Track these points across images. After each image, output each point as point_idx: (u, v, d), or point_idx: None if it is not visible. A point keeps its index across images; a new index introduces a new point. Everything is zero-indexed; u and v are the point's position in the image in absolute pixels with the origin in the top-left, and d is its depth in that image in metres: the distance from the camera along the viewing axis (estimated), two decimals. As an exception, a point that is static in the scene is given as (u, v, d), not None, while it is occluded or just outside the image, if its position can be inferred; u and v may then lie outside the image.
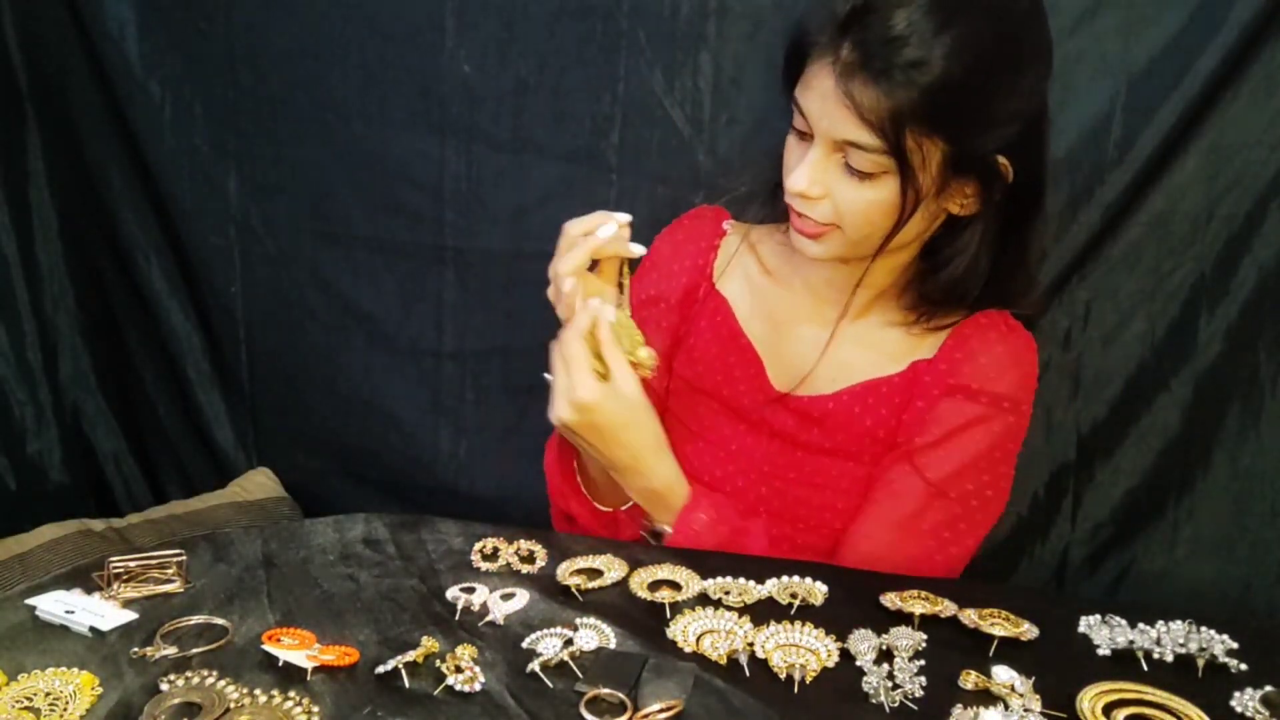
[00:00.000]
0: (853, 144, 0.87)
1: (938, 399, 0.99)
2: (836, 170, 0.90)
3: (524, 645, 0.76)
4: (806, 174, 0.90)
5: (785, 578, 0.88)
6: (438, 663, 0.73)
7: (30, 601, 0.79)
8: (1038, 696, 0.70)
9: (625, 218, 0.94)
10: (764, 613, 0.82)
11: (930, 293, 1.00)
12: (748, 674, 0.74)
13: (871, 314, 1.04)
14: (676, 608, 0.82)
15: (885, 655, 0.76)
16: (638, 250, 0.95)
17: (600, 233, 0.93)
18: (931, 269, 1.00)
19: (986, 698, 0.71)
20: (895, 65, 0.83)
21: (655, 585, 0.87)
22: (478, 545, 0.93)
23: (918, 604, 0.82)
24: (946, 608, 0.83)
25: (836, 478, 1.03)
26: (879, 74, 0.84)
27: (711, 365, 1.08)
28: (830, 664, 0.75)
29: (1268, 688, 0.72)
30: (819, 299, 1.05)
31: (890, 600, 0.83)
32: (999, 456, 0.99)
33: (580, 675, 0.72)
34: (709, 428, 1.08)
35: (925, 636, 0.78)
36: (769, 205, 1.08)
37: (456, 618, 0.81)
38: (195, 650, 0.74)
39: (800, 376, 1.04)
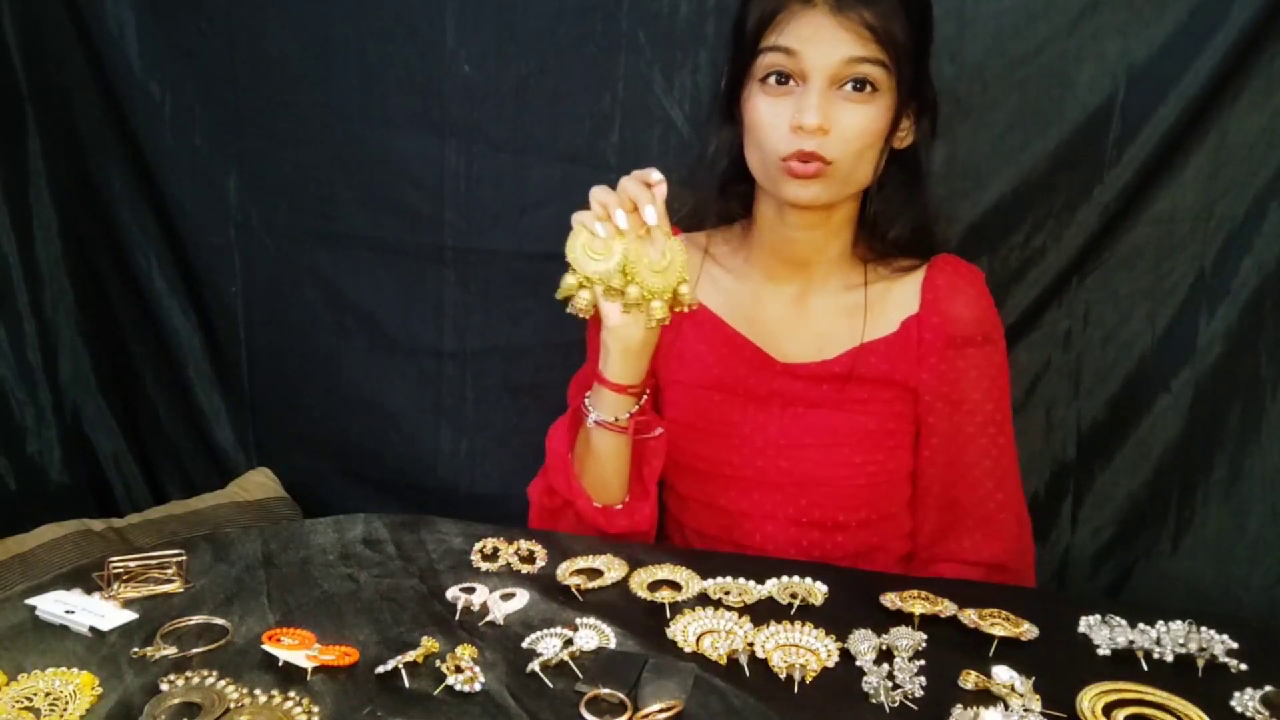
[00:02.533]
0: (858, 59, 0.97)
1: (944, 350, 1.06)
2: (837, 102, 0.98)
3: (524, 645, 0.76)
4: (816, 109, 0.97)
5: (785, 578, 0.88)
6: (438, 663, 0.73)
7: (30, 601, 0.79)
8: (1038, 696, 0.70)
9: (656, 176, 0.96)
10: (764, 613, 0.82)
11: (881, 224, 1.09)
12: (748, 674, 0.74)
13: (834, 280, 1.10)
14: (676, 608, 0.82)
15: (885, 655, 0.76)
16: (656, 175, 0.96)
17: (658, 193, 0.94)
18: (877, 217, 1.09)
19: (986, 698, 0.71)
20: None
21: (655, 585, 0.87)
22: (478, 545, 0.93)
23: (918, 604, 0.82)
24: (946, 608, 0.83)
25: (848, 435, 1.08)
26: None
27: (705, 361, 1.12)
28: (830, 664, 0.75)
29: (1268, 688, 0.72)
30: (778, 278, 1.12)
31: (890, 600, 0.83)
32: (1004, 374, 1.10)
33: (580, 675, 0.72)
34: (717, 420, 1.11)
35: (925, 636, 0.78)
36: (719, 205, 1.15)
37: (456, 618, 0.81)
38: (195, 650, 0.74)
39: (795, 346, 1.10)
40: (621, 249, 0.91)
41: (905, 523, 1.12)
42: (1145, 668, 0.75)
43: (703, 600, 0.84)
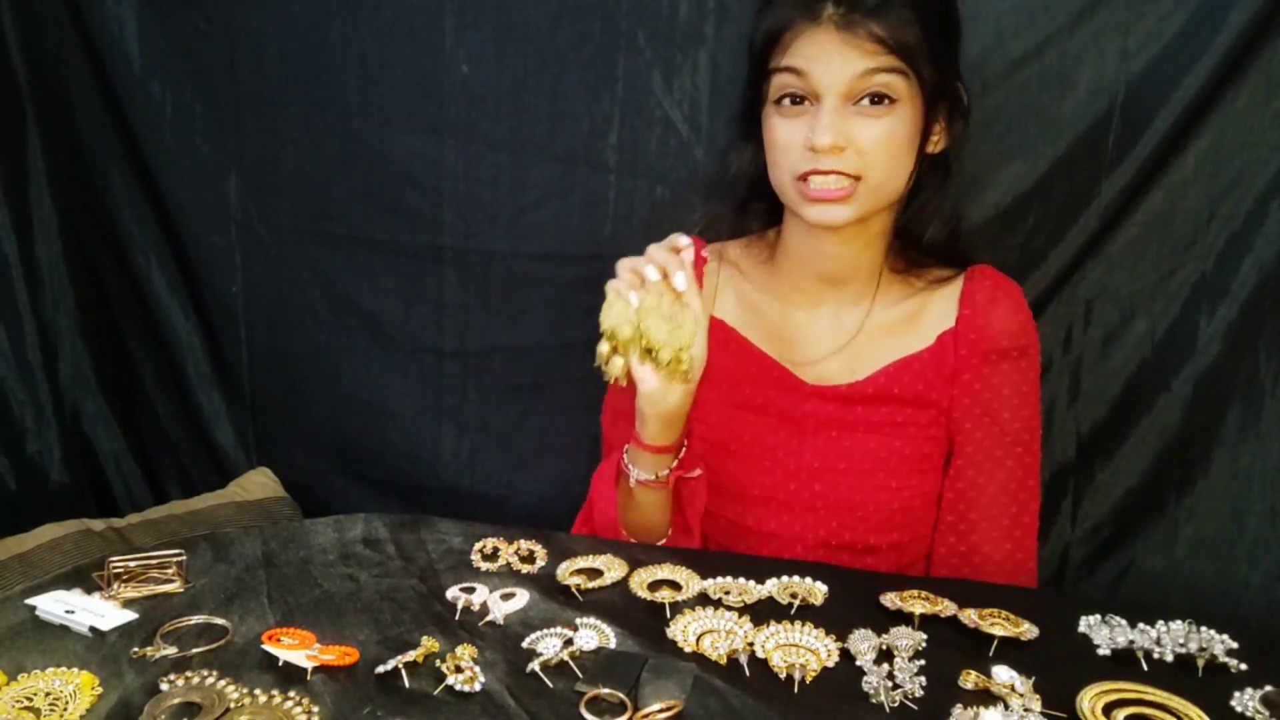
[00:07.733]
0: (871, 71, 0.94)
1: (979, 366, 1.05)
2: (853, 118, 0.95)
3: (524, 645, 0.76)
4: (829, 127, 0.94)
5: (785, 578, 0.88)
6: (438, 663, 0.73)
7: (30, 601, 0.79)
8: (1038, 696, 0.70)
9: (684, 240, 0.96)
10: (764, 613, 0.82)
11: (914, 230, 1.07)
12: (748, 674, 0.74)
13: (867, 297, 1.08)
14: (676, 608, 0.83)
15: (885, 655, 0.76)
16: (684, 241, 0.96)
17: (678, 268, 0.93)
18: (909, 224, 1.07)
19: (986, 698, 0.71)
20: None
21: (655, 585, 0.87)
22: (478, 545, 0.93)
23: (918, 604, 0.82)
24: (946, 608, 0.83)
25: (885, 459, 1.06)
26: (874, 9, 0.94)
27: (735, 380, 1.10)
28: (830, 664, 0.75)
29: (1268, 688, 0.72)
30: (812, 295, 1.09)
31: (890, 600, 0.84)
32: (1036, 390, 1.09)
33: (580, 675, 0.72)
34: (750, 442, 1.09)
35: (925, 636, 0.78)
36: (735, 222, 1.15)
37: (456, 618, 0.81)
38: (195, 650, 0.74)
39: (827, 365, 1.07)
40: (638, 300, 0.91)
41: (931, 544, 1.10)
42: (1145, 668, 0.76)
43: (703, 600, 0.85)
